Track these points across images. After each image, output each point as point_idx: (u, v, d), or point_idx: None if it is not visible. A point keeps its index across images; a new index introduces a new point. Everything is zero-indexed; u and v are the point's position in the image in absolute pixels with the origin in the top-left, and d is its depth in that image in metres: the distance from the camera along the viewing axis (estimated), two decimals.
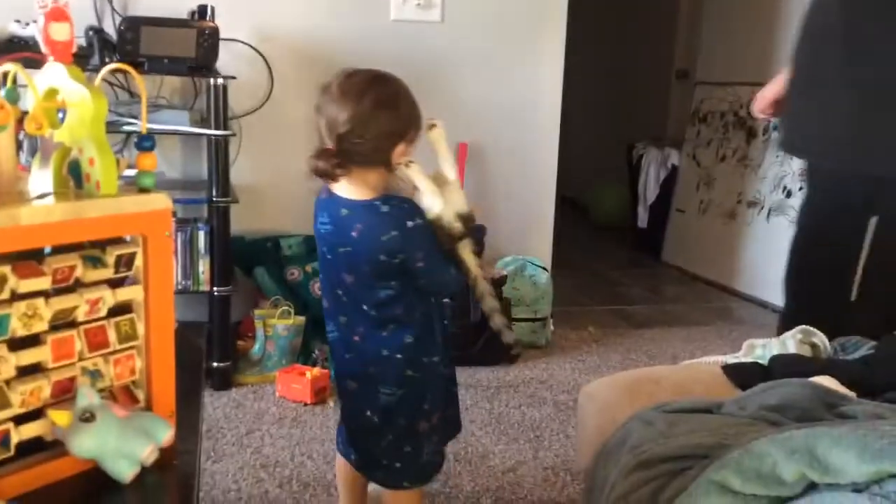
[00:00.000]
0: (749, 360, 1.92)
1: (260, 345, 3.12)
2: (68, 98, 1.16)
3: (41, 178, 1.20)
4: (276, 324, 3.10)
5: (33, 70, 1.19)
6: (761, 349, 1.97)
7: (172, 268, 1.24)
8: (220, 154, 2.90)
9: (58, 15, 1.17)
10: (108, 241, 1.16)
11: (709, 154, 5.07)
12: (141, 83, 1.29)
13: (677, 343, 3.75)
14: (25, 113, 1.20)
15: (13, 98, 1.23)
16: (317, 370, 2.93)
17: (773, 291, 4.39)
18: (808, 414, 1.45)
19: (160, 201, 1.19)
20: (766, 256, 4.52)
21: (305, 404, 2.87)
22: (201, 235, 2.93)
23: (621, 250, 5.78)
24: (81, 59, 2.72)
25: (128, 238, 1.19)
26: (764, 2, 4.76)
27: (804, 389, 1.52)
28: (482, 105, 3.64)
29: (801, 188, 4.32)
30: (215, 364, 2.97)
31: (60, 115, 1.20)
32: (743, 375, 1.76)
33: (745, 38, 4.94)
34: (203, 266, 2.94)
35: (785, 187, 4.43)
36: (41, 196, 1.12)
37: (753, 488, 1.19)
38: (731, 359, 1.98)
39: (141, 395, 1.22)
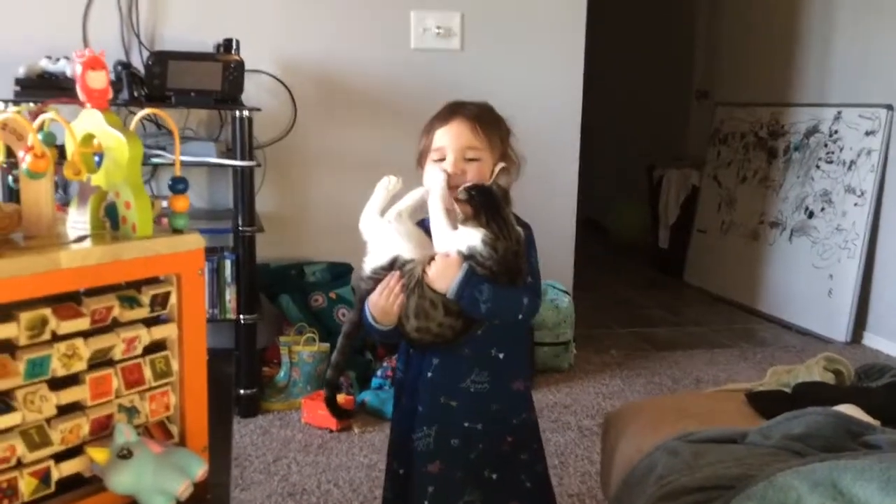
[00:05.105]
0: (773, 387, 1.92)
1: (285, 371, 3.15)
2: (105, 143, 1.20)
3: (79, 220, 1.24)
4: (301, 350, 3.13)
5: (67, 106, 1.24)
6: (786, 376, 1.98)
7: (204, 305, 1.27)
8: (245, 184, 2.95)
9: (94, 63, 1.21)
10: (143, 280, 1.20)
11: (730, 174, 5.07)
12: (173, 125, 1.33)
13: (701, 366, 3.73)
14: (61, 148, 1.24)
15: (50, 141, 1.27)
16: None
17: (796, 312, 4.39)
18: (833, 444, 1.45)
19: (193, 242, 1.23)
20: (788, 277, 4.50)
21: (331, 431, 2.89)
22: (228, 264, 2.98)
23: (643, 271, 5.77)
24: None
25: (162, 277, 1.23)
26: (781, 22, 4.78)
27: (828, 419, 1.52)
28: None
29: (822, 209, 4.32)
30: (242, 391, 3.00)
31: (97, 158, 1.24)
32: (767, 404, 1.77)
33: (764, 59, 4.96)
34: (230, 294, 2.98)
35: (807, 208, 4.42)
36: (79, 239, 1.16)
37: None
38: (755, 385, 1.98)
39: (175, 429, 1.25)
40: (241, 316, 2.98)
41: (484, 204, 1.49)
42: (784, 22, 4.76)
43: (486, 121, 1.64)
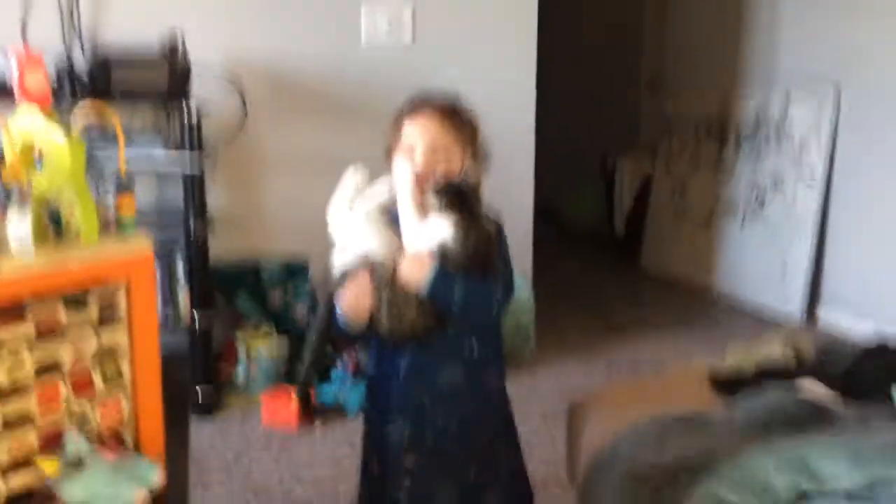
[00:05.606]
0: (734, 367, 1.93)
1: (243, 369, 3.10)
2: (45, 146, 1.17)
3: (20, 226, 1.20)
4: (259, 346, 3.09)
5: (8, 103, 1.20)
6: (746, 355, 1.99)
7: (156, 309, 1.24)
8: (195, 183, 2.89)
9: (33, 63, 1.18)
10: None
11: (682, 162, 5.11)
12: (118, 126, 1.29)
13: (660, 349, 3.77)
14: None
15: None
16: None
17: (752, 293, 4.45)
18: (796, 421, 1.46)
19: (141, 245, 1.20)
20: (741, 261, 4.56)
21: (292, 427, 2.86)
22: (180, 265, 2.92)
23: (600, 259, 5.79)
24: (52, 96, 2.70)
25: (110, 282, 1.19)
26: (728, 11, 4.82)
27: (790, 396, 1.54)
28: None
29: (774, 192, 4.38)
30: (199, 391, 2.94)
31: (38, 161, 1.20)
32: (729, 384, 1.78)
33: (712, 46, 5.00)
34: (183, 295, 2.93)
35: (758, 191, 4.48)
36: (21, 246, 1.12)
37: (748, 500, 1.20)
38: (717, 366, 1.99)
39: (129, 437, 1.22)
40: (196, 317, 2.92)
41: (454, 198, 1.49)
42: (731, 10, 4.81)
43: (454, 115, 1.62)
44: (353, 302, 1.51)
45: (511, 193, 3.78)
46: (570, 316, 4.31)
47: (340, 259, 1.55)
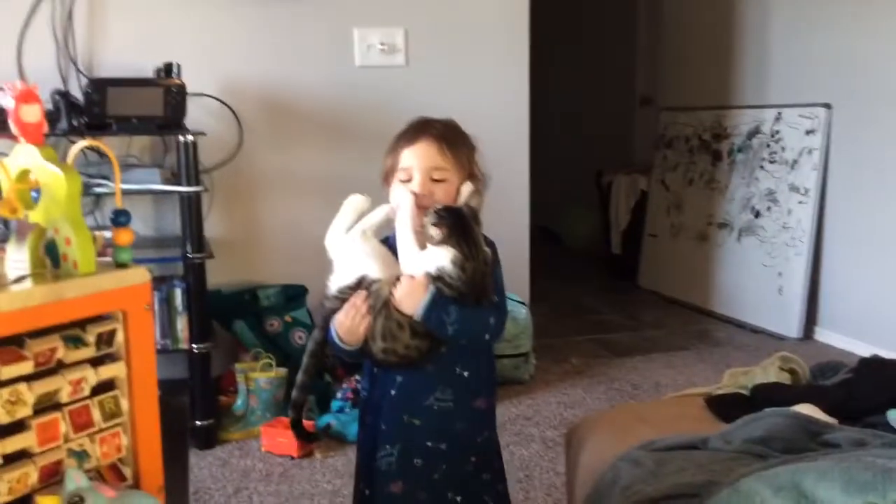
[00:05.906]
0: (731, 390, 1.93)
1: (243, 399, 3.08)
2: (41, 178, 1.17)
3: (18, 259, 1.19)
4: (258, 377, 3.07)
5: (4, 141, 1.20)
6: (743, 378, 1.99)
7: (153, 341, 1.24)
8: (192, 209, 2.89)
9: (28, 97, 1.18)
10: (88, 319, 1.16)
11: (676, 178, 5.14)
12: (112, 155, 1.30)
13: (659, 369, 3.76)
14: None
15: None
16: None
17: (748, 311, 4.45)
18: (793, 444, 1.46)
19: (138, 276, 1.19)
20: (739, 277, 4.57)
21: (292, 458, 2.84)
22: (178, 293, 2.91)
23: (597, 277, 5.81)
24: (49, 124, 2.71)
25: (107, 314, 1.19)
26: (720, 28, 4.87)
27: (787, 420, 1.54)
28: None
29: (768, 208, 4.39)
30: (198, 422, 2.92)
31: (34, 194, 1.20)
32: (726, 407, 1.78)
33: (704, 63, 5.05)
34: (181, 323, 2.91)
35: (753, 208, 4.50)
36: (19, 279, 1.11)
37: None
38: (713, 389, 1.99)
39: (128, 471, 1.21)
40: (194, 345, 2.91)
41: (454, 226, 1.49)
42: (722, 26, 4.85)
43: (452, 140, 1.62)
44: (348, 324, 1.52)
45: (507, 214, 3.79)
46: (569, 337, 4.31)
47: (337, 281, 1.56)
